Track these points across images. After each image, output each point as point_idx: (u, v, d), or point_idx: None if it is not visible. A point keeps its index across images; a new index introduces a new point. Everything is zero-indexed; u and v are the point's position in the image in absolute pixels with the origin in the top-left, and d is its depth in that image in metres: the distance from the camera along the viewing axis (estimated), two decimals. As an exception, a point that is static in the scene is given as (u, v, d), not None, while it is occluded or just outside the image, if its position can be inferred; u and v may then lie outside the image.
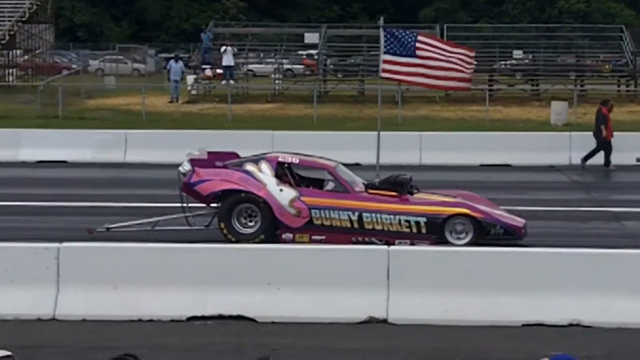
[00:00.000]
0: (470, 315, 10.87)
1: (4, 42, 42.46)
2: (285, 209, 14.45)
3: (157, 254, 11.48)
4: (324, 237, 14.32)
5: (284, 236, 14.49)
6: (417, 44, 16.03)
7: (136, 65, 59.49)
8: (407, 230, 14.35)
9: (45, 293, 11.07)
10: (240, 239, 14.27)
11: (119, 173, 22.73)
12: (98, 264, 11.24)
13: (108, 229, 14.87)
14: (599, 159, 23.58)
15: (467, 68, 16.47)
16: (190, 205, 15.20)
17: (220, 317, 10.97)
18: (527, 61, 46.31)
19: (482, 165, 24.03)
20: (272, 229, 14.49)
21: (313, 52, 47.66)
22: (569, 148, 24.72)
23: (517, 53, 47.10)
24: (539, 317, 10.82)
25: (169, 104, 37.35)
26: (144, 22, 78.21)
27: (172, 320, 10.94)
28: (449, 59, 16.10)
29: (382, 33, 16.31)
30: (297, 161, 15.06)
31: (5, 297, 11.01)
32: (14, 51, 45.46)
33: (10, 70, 44.77)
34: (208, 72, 42.16)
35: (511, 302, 10.89)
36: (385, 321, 10.92)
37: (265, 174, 14.67)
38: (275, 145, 24.13)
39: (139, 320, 10.94)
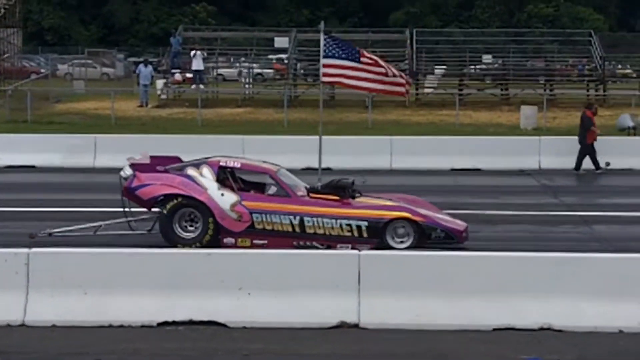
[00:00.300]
0: (442, 320, 10.89)
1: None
2: (226, 213, 14.48)
3: (128, 259, 11.40)
4: (265, 242, 14.36)
5: (225, 240, 14.52)
6: (361, 52, 16.23)
7: (105, 69, 59.20)
8: (349, 234, 14.40)
9: (14, 299, 10.98)
10: (182, 243, 14.33)
11: (87, 178, 22.62)
12: (68, 269, 11.16)
13: (50, 234, 14.85)
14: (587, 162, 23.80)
15: (403, 78, 16.53)
16: (133, 210, 15.20)
17: (191, 322, 10.92)
18: (496, 65, 46.54)
19: (452, 170, 24.13)
20: (214, 233, 14.52)
21: (283, 56, 47.65)
22: (539, 152, 24.89)
23: (487, 57, 47.37)
24: (509, 321, 10.85)
25: (138, 109, 37.25)
26: (113, 26, 77.96)
27: (142, 326, 10.88)
28: (388, 69, 16.23)
29: (322, 37, 16.35)
30: (239, 165, 15.10)
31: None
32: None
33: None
34: (178, 77, 42.06)
35: (482, 306, 10.91)
36: (356, 326, 10.91)
37: (207, 178, 14.70)
38: (245, 150, 24.14)
39: (110, 325, 10.87)
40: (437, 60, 45.73)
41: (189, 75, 41.95)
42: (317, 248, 14.18)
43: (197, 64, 40.37)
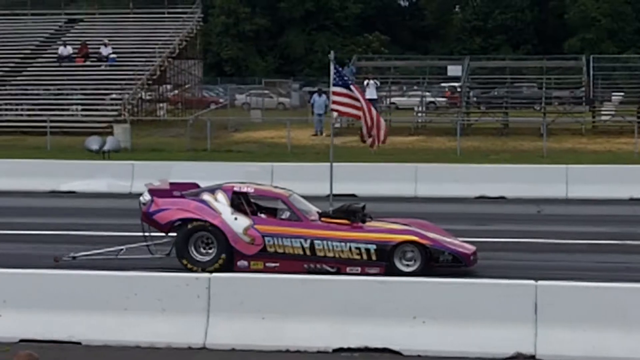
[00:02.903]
0: (618, 352, 10.65)
1: (155, 77, 43.80)
2: (239, 236, 14.83)
3: (304, 285, 11.64)
4: (277, 264, 14.65)
5: (239, 263, 14.84)
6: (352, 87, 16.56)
7: (281, 99, 60.40)
8: (358, 257, 14.62)
9: (195, 322, 11.34)
10: (198, 266, 14.62)
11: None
12: (247, 294, 11.46)
13: (74, 257, 15.30)
14: None
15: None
16: (153, 234, 15.60)
17: (366, 349, 11.03)
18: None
19: (631, 199, 23.49)
20: (229, 256, 14.82)
21: (456, 84, 47.54)
22: None
23: (667, 83, 45.90)
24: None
25: (313, 137, 37.81)
26: (289, 56, 79.48)
27: (318, 352, 11.06)
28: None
29: (332, 67, 16.63)
30: (252, 191, 15.44)
31: (157, 326, 11.35)
32: (164, 86, 46.86)
33: (161, 105, 46.16)
34: (352, 106, 42.49)
35: (663, 339, 10.62)
36: (533, 357, 10.80)
37: (221, 203, 15.09)
38: (418, 178, 24.22)
39: (287, 350, 11.10)
40: (614, 87, 44.68)
41: (362, 104, 42.33)
42: (327, 271, 14.43)
43: (370, 93, 40.68)
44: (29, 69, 43.94)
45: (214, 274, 11.80)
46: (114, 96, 41.42)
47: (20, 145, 34.84)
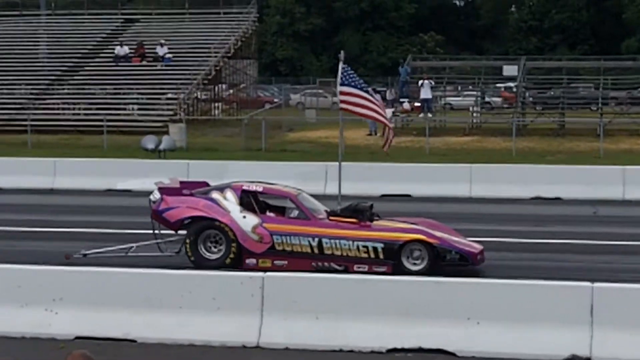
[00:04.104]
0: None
1: (210, 77, 44.05)
2: (248, 234, 14.96)
3: (358, 285, 11.63)
4: (286, 262, 14.77)
5: (247, 261, 14.97)
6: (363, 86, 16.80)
7: (335, 98, 60.30)
8: (365, 255, 14.70)
9: (249, 321, 11.37)
10: (206, 264, 14.72)
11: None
12: (301, 293, 11.47)
13: (85, 254, 15.37)
14: None
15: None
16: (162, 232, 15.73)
17: (420, 350, 10.99)
18: None
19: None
20: (237, 254, 14.93)
21: (512, 84, 47.20)
22: None
23: None
24: None
25: (367, 137, 37.77)
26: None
27: (372, 352, 11.04)
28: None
29: (340, 67, 16.85)
30: (261, 189, 15.60)
31: (211, 324, 11.39)
32: (220, 86, 47.07)
33: (216, 104, 46.38)
34: (406, 106, 42.42)
35: None
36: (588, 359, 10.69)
37: (230, 201, 15.22)
38: (473, 178, 24.08)
39: (340, 350, 11.09)
40: (673, 87, 44.10)
41: (417, 104, 42.23)
42: (335, 269, 14.49)
43: (425, 93, 40.61)
44: (86, 68, 44.42)
45: (268, 274, 11.82)
46: (169, 96, 41.72)
47: (77, 145, 35.30)
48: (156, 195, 15.68)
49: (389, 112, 41.46)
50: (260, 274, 11.78)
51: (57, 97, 42.06)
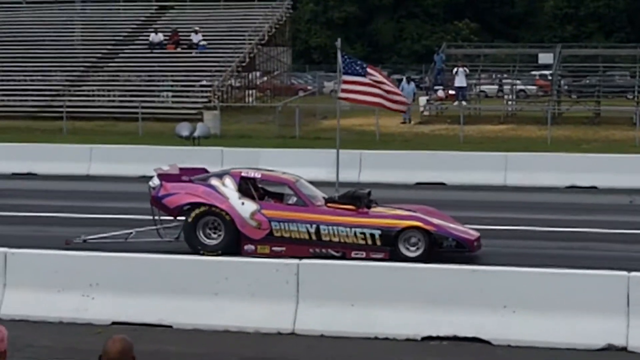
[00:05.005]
0: None
1: (244, 64, 44.10)
2: (246, 221, 15.07)
3: (393, 272, 11.63)
4: (284, 249, 14.89)
5: (245, 247, 15.09)
6: (368, 69, 16.62)
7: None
8: (363, 242, 14.82)
9: (285, 308, 11.40)
10: (205, 250, 14.81)
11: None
12: (336, 281, 11.49)
13: (84, 240, 15.47)
14: None
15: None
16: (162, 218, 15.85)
17: (455, 338, 10.98)
18: None
19: None
20: (236, 240, 15.03)
21: (547, 72, 46.89)
22: None
23: None
24: None
25: (401, 125, 37.69)
26: (377, 44, 79.24)
27: (407, 339, 11.04)
28: (389, 84, 16.85)
29: (339, 55, 16.77)
30: (259, 176, 15.75)
31: (247, 311, 11.43)
32: (253, 73, 47.11)
33: (250, 92, 46.44)
34: (440, 93, 42.26)
35: None
36: (624, 349, 10.63)
37: (229, 188, 15.33)
38: (508, 167, 23.96)
39: (375, 337, 11.09)
40: None
41: (451, 92, 42.07)
42: (333, 256, 14.55)
43: (460, 81, 40.45)
44: (121, 55, 44.60)
45: (303, 261, 11.85)
46: (203, 83, 41.82)
47: (112, 131, 35.45)
48: (155, 181, 15.80)
49: (422, 99, 41.52)
50: (296, 260, 11.82)
51: (92, 84, 42.28)
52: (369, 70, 16.65)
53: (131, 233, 15.84)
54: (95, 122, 37.31)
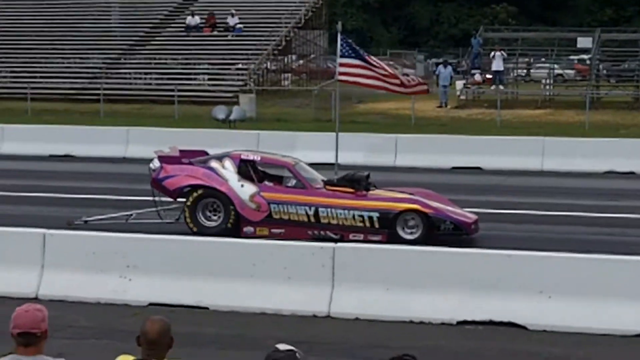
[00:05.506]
0: None
1: (280, 47, 44.09)
2: (246, 203, 15.19)
3: (429, 256, 11.62)
4: (282, 231, 15.01)
5: (245, 229, 15.18)
6: (366, 56, 16.77)
7: (406, 70, 59.98)
8: (361, 224, 14.93)
9: (320, 291, 11.42)
10: (205, 232, 14.85)
11: (389, 176, 22.77)
12: (371, 264, 11.50)
13: (86, 221, 15.58)
14: None
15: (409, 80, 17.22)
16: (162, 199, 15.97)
17: (491, 322, 10.96)
18: None
19: None
20: (235, 222, 15.14)
21: (585, 56, 46.51)
22: None
23: None
24: None
25: (437, 109, 37.57)
26: (414, 27, 78.91)
27: (442, 323, 11.04)
28: (392, 72, 16.97)
29: (339, 37, 16.82)
30: (259, 158, 15.86)
31: (282, 294, 11.47)
32: (289, 56, 47.08)
33: (286, 75, 46.42)
34: (477, 78, 42.05)
35: None
36: (662, 336, 10.57)
37: (228, 170, 15.43)
38: (545, 152, 23.80)
39: (410, 321, 11.09)
40: None
41: (488, 76, 41.84)
42: (331, 238, 14.47)
43: (497, 65, 40.21)
44: (157, 38, 44.73)
45: (339, 244, 11.86)
46: (240, 66, 41.86)
47: (149, 114, 35.61)
48: (156, 163, 15.89)
49: (459, 84, 41.34)
50: (332, 244, 11.83)
51: (129, 67, 42.48)
52: (367, 58, 16.78)
53: (131, 215, 15.97)
54: (132, 105, 37.49)
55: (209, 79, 41.51)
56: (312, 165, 22.89)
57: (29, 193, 19.50)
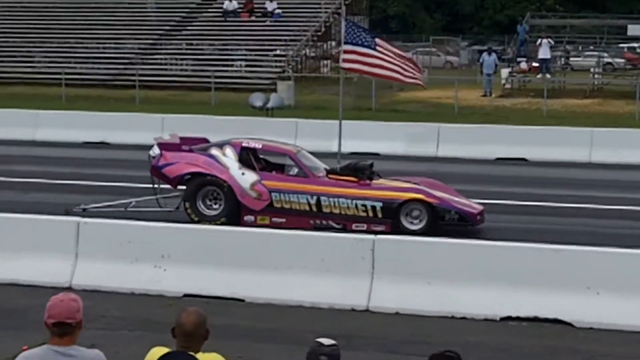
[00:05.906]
0: None
1: (319, 33, 43.71)
2: (246, 191, 14.98)
3: (472, 250, 11.29)
4: (284, 220, 14.78)
5: (245, 218, 14.96)
6: (377, 41, 16.21)
7: (449, 57, 59.52)
8: (364, 214, 14.69)
9: (360, 284, 11.15)
10: (205, 220, 14.66)
11: (430, 167, 22.33)
12: (412, 258, 11.20)
13: (84, 209, 15.42)
14: None
15: (416, 70, 16.68)
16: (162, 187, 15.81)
17: (536, 319, 10.65)
18: None
19: None
20: (236, 211, 14.91)
21: (635, 45, 45.70)
22: None
23: None
24: None
25: (481, 98, 37.03)
26: (457, 13, 78.18)
27: (485, 319, 10.74)
28: (403, 59, 16.42)
29: (343, 24, 16.45)
30: (260, 146, 15.67)
31: (320, 286, 11.21)
32: (329, 42, 46.69)
33: (325, 62, 46.03)
34: (523, 66, 41.42)
35: None
36: None
37: (229, 158, 15.24)
38: (594, 143, 23.28)
39: (452, 317, 10.81)
40: None
41: (535, 64, 41.17)
42: (333, 227, 14.37)
43: (544, 53, 39.56)
44: (194, 23, 44.43)
45: (379, 236, 11.55)
46: (278, 52, 41.49)
47: (184, 101, 35.29)
48: (156, 150, 15.71)
49: (505, 72, 40.76)
50: (372, 236, 11.53)
51: (165, 53, 42.20)
52: (377, 41, 16.31)
53: (131, 202, 15.83)
54: (167, 92, 37.26)
55: (246, 66, 41.14)
56: (352, 155, 22.64)
57: (63, 180, 19.33)
